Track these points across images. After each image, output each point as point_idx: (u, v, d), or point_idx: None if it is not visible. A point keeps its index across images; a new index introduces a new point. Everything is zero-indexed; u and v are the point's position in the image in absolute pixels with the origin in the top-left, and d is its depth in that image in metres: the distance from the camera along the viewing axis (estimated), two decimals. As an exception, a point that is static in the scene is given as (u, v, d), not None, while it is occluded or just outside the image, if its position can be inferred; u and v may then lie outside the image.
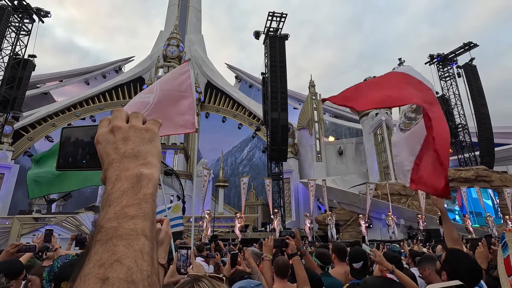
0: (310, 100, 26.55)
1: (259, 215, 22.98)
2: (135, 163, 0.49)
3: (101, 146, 0.53)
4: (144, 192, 0.46)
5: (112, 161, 0.50)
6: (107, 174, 0.49)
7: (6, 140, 21.33)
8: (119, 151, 0.51)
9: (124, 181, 0.46)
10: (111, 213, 0.43)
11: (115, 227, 0.41)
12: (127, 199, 0.44)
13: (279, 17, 22.78)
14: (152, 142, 0.54)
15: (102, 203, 0.45)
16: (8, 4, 19.70)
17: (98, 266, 0.38)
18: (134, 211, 0.43)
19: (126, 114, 0.56)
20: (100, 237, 0.41)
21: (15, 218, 14.54)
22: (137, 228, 0.42)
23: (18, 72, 19.77)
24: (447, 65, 26.56)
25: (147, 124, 0.56)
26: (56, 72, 34.14)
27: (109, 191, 0.46)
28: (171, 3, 38.88)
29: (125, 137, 0.52)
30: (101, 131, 0.54)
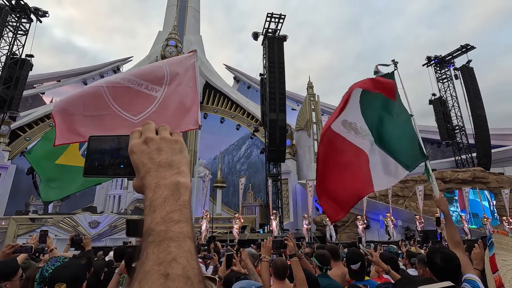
0: (308, 101, 26.61)
1: (257, 216, 22.98)
2: (171, 172, 0.55)
3: (136, 156, 0.58)
4: (183, 199, 0.52)
5: (149, 170, 0.55)
6: (145, 182, 0.54)
7: (3, 140, 21.22)
8: (154, 160, 0.56)
9: (164, 189, 0.51)
10: (158, 217, 0.48)
11: (164, 230, 0.46)
12: (170, 205, 0.49)
13: (278, 18, 22.82)
14: (182, 152, 0.59)
15: (146, 209, 0.50)
16: (6, 3, 19.60)
17: (157, 264, 0.43)
18: (178, 216, 0.49)
19: (155, 127, 0.62)
20: (152, 239, 0.46)
21: (12, 218, 14.45)
22: (183, 231, 0.47)
23: (15, 72, 19.66)
24: (445, 67, 26.71)
25: (175, 135, 0.62)
26: (54, 72, 34.00)
27: (151, 197, 0.51)
28: (169, 3, 38.86)
29: (158, 147, 0.58)
30: (135, 142, 0.59)
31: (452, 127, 25.24)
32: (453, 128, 25.22)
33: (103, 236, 14.35)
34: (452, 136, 24.89)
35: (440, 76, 26.91)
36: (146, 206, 0.51)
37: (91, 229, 14.38)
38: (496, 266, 0.78)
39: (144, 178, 0.54)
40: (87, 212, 15.26)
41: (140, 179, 0.56)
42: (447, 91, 26.38)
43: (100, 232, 14.39)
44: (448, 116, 25.42)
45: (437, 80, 26.89)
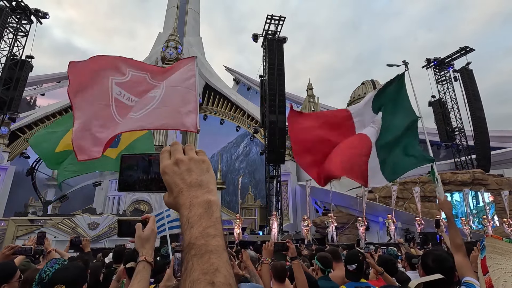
0: (308, 102, 26.65)
1: (257, 218, 22.96)
2: (201, 191, 0.61)
3: (168, 176, 0.63)
4: (216, 216, 0.58)
5: (181, 190, 0.61)
6: (179, 201, 0.60)
7: (3, 141, 21.21)
8: (185, 181, 0.62)
9: (197, 207, 0.58)
10: (196, 233, 0.54)
11: (204, 244, 0.52)
12: (205, 222, 0.55)
13: (278, 20, 22.88)
14: (209, 172, 0.65)
15: (184, 226, 0.56)
16: (6, 5, 19.64)
17: (203, 273, 0.49)
18: (214, 231, 0.55)
19: (182, 146, 0.68)
20: (195, 252, 0.51)
21: (11, 220, 14.41)
22: (220, 245, 0.53)
23: (15, 73, 19.67)
24: (444, 69, 26.78)
25: (200, 155, 0.67)
26: (54, 73, 34.03)
27: (187, 215, 0.57)
28: (169, 5, 38.97)
29: (188, 168, 0.63)
30: (166, 163, 0.65)
31: (452, 129, 25.28)
32: (452, 130, 25.26)
33: (102, 238, 14.33)
34: (452, 138, 24.92)
35: (440, 78, 26.97)
36: (183, 223, 0.57)
37: (90, 230, 14.36)
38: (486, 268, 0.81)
39: (178, 197, 0.61)
40: (86, 214, 15.24)
41: (173, 198, 0.62)
42: (447, 93, 26.44)
43: (100, 233, 14.37)
44: (448, 118, 25.46)
45: (437, 82, 26.95)
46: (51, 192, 24.86)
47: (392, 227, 16.40)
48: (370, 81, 27.14)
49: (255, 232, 20.45)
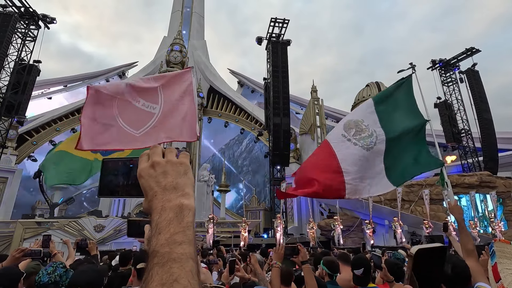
0: (312, 105, 26.59)
1: (261, 221, 22.90)
2: (175, 194, 0.58)
3: (144, 180, 0.61)
4: (187, 221, 0.55)
5: (155, 193, 0.58)
6: (152, 205, 0.57)
7: (10, 144, 21.51)
8: (160, 184, 0.59)
9: (168, 211, 0.55)
10: (162, 239, 0.51)
11: (168, 252, 0.49)
12: (174, 227, 0.53)
13: (281, 23, 22.96)
14: (186, 174, 0.62)
15: (152, 231, 0.53)
16: (15, 11, 20.01)
17: (160, 284, 0.46)
18: (181, 237, 0.52)
19: (162, 150, 0.65)
20: (157, 261, 0.48)
21: (18, 222, 14.58)
22: (185, 253, 0.50)
23: (23, 77, 20.00)
24: (450, 71, 26.56)
25: (180, 157, 0.65)
26: (61, 77, 34.51)
27: (157, 220, 0.54)
28: (174, 9, 39.34)
29: (164, 171, 0.61)
30: (143, 166, 0.62)
31: (458, 130, 25.00)
32: (458, 131, 24.98)
33: (108, 240, 14.41)
34: (458, 140, 24.64)
35: (445, 80, 26.74)
36: (152, 228, 0.54)
37: (96, 233, 14.45)
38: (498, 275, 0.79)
39: (151, 201, 0.58)
40: (92, 216, 15.34)
41: (147, 202, 0.59)
42: (453, 95, 26.18)
43: (105, 236, 14.46)
44: (454, 120, 25.20)
45: (442, 84, 26.72)
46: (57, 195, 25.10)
47: (398, 230, 16.20)
48: (375, 83, 27.02)
49: (259, 235, 20.39)
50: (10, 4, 19.90)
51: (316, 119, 26.01)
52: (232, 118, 32.15)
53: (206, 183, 24.79)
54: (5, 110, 19.24)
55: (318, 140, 25.38)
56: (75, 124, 27.82)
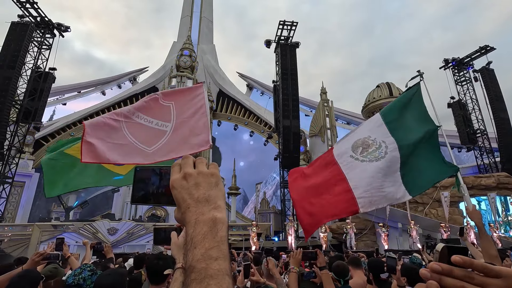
0: (322, 107, 26.42)
1: (272, 224, 22.80)
2: (208, 207, 0.58)
3: (176, 191, 0.62)
4: (221, 235, 0.55)
5: (188, 205, 0.59)
6: (186, 218, 0.58)
7: (28, 149, 22.19)
8: (193, 196, 0.60)
9: (202, 225, 0.55)
10: (198, 254, 0.52)
11: (204, 268, 0.50)
12: (208, 242, 0.53)
13: (290, 26, 22.98)
14: (218, 186, 0.63)
15: (188, 245, 0.54)
16: (32, 20, 20.73)
17: None
18: (216, 253, 0.52)
19: (193, 160, 0.66)
20: (194, 277, 0.49)
21: (35, 225, 14.98)
22: (221, 269, 0.51)
23: (40, 85, 20.64)
24: (463, 69, 25.94)
25: (211, 168, 0.65)
26: (74, 84, 35.45)
27: (192, 234, 0.55)
28: (183, 14, 39.93)
29: (196, 183, 0.61)
30: (175, 177, 0.63)
31: (473, 131, 24.34)
32: (474, 132, 24.32)
33: (121, 243, 14.63)
34: (473, 141, 23.98)
35: (459, 79, 26.13)
36: (187, 242, 0.55)
37: (109, 235, 14.70)
38: None
39: (185, 213, 0.59)
40: (106, 219, 15.63)
41: (181, 214, 0.60)
42: (467, 94, 25.55)
43: (119, 238, 14.68)
44: (469, 120, 24.55)
45: (456, 83, 26.11)
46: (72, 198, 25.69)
47: (414, 233, 15.84)
48: (385, 83, 26.66)
49: (270, 238, 20.30)
50: (27, 14, 20.63)
51: (326, 121, 25.81)
52: (242, 121, 32.27)
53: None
54: (23, 116, 19.88)
55: (328, 142, 25.16)
56: (89, 129, 28.49)
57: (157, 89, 31.04)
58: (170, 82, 29.19)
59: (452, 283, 0.47)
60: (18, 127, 20.00)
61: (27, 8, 20.48)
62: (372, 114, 26.44)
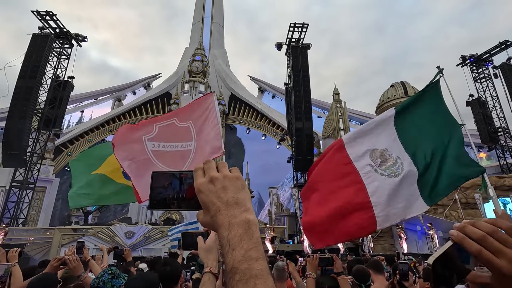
0: (335, 108, 26.12)
1: (286, 227, 22.62)
2: (239, 210, 0.59)
3: (204, 195, 0.62)
4: (256, 236, 0.56)
5: (218, 208, 0.60)
6: (217, 221, 0.59)
7: (48, 155, 23.01)
8: (222, 199, 0.60)
9: (237, 228, 0.56)
10: (238, 256, 0.53)
11: (248, 268, 0.51)
12: (246, 243, 0.54)
13: (301, 28, 22.93)
14: (244, 189, 0.64)
15: (225, 247, 0.55)
16: (51, 32, 21.61)
17: None
18: (256, 253, 0.54)
19: (215, 164, 0.67)
20: (239, 278, 0.51)
21: (56, 229, 15.46)
22: (263, 268, 0.52)
23: (59, 93, 21.43)
24: (482, 66, 25.05)
25: (234, 172, 0.66)
26: (91, 91, 36.58)
27: (227, 236, 0.56)
28: (195, 20, 40.58)
29: (224, 186, 0.62)
30: (201, 181, 0.63)
31: (494, 129, 23.41)
32: (495, 130, 23.38)
33: (138, 246, 14.88)
34: (495, 139, 23.06)
35: (478, 76, 25.25)
36: (223, 245, 0.56)
37: (127, 239, 14.98)
38: None
39: (215, 216, 0.59)
40: (123, 223, 15.94)
41: (210, 217, 0.60)
42: (486, 91, 24.63)
43: (135, 242, 14.94)
44: (489, 118, 23.64)
45: (474, 80, 25.24)
46: (90, 203, 26.39)
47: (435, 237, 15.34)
48: (400, 83, 26.08)
49: (285, 241, 20.12)
50: (47, 26, 21.53)
51: (340, 122, 25.49)
52: (254, 124, 32.33)
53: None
54: (44, 124, 20.66)
55: (342, 144, 24.82)
56: (105, 135, 29.29)
57: (171, 94, 31.58)
58: (183, 87, 29.64)
59: (474, 232, 0.49)
60: (40, 134, 20.78)
61: (47, 20, 21.37)
62: (387, 114, 25.94)
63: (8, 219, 18.04)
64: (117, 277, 1.93)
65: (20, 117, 18.89)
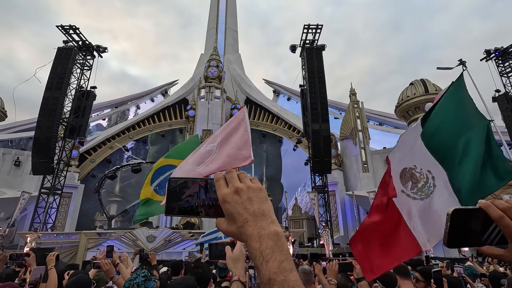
0: (352, 108, 25.68)
1: (305, 230, 22.36)
2: (266, 221, 0.61)
3: (229, 205, 0.63)
4: (286, 248, 0.58)
5: (246, 220, 0.61)
6: (246, 232, 0.60)
7: (73, 163, 24.04)
8: (248, 210, 0.62)
9: (267, 239, 0.58)
10: (273, 267, 0.54)
11: (284, 279, 0.53)
12: (279, 256, 0.56)
13: (315, 29, 22.81)
14: (267, 200, 0.65)
15: (258, 259, 0.56)
16: (75, 45, 22.70)
17: None
18: (288, 265, 0.55)
19: (236, 174, 0.67)
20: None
21: (82, 233, 16.06)
22: (297, 279, 0.54)
23: (83, 103, 22.40)
24: (508, 59, 23.83)
25: (255, 183, 0.67)
26: (112, 100, 37.94)
27: (259, 248, 0.57)
28: (209, 27, 41.29)
29: (249, 197, 0.63)
30: (226, 192, 0.64)
31: (524, 125, 22.14)
32: (525, 126, 22.12)
33: (159, 250, 15.17)
34: (525, 136, 21.80)
35: (504, 70, 24.03)
36: (256, 256, 0.57)
37: (148, 243, 15.32)
38: None
39: (243, 227, 0.61)
40: (144, 227, 16.32)
41: (237, 228, 0.62)
42: (514, 86, 23.39)
43: (157, 246, 15.25)
44: (518, 114, 22.40)
45: (500, 75, 24.04)
46: (113, 207, 27.28)
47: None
48: (420, 80, 25.27)
49: (304, 245, 19.89)
50: (71, 40, 22.63)
51: (357, 123, 25.01)
52: (270, 127, 32.32)
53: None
54: (69, 132, 21.64)
55: (360, 145, 24.32)
56: (126, 141, 30.23)
57: (187, 100, 32.18)
58: (199, 93, 30.13)
59: (501, 202, 0.56)
60: (65, 142, 21.77)
61: (70, 34, 22.46)
62: (407, 113, 25.09)
63: (38, 224, 18.95)
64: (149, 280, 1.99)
65: (48, 127, 19.89)
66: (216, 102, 29.07)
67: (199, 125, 27.93)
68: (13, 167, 23.88)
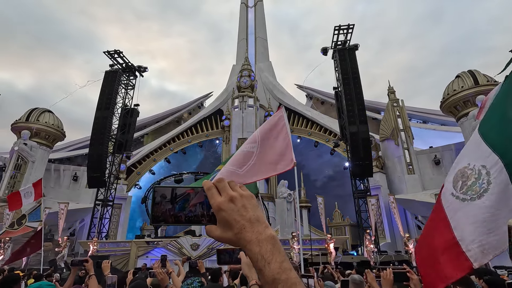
0: (391, 107, 24.39)
1: (348, 237, 21.48)
2: (261, 226, 0.65)
3: (225, 213, 0.66)
4: (282, 250, 0.63)
5: (243, 226, 0.65)
6: (245, 238, 0.64)
7: (122, 175, 25.92)
8: (244, 217, 0.65)
9: (266, 243, 0.62)
10: (276, 268, 0.59)
11: (288, 278, 0.58)
12: (278, 257, 0.61)
13: (346, 29, 22.28)
14: (258, 207, 0.70)
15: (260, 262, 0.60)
16: (119, 67, 24.81)
17: None
18: (288, 265, 0.61)
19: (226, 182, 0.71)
20: (283, 286, 0.58)
21: (133, 242, 17.14)
22: (297, 276, 0.60)
23: (128, 120, 24.23)
24: None
25: (246, 190, 0.71)
26: (153, 116, 40.44)
27: (259, 251, 0.61)
28: (239, 38, 42.38)
29: (243, 205, 0.67)
30: (221, 200, 0.67)
31: None
32: None
33: (203, 258, 15.60)
34: None
35: None
36: (257, 259, 0.61)
37: (192, 251, 15.84)
38: None
39: (241, 233, 0.64)
40: (188, 235, 16.92)
41: (233, 234, 0.65)
42: None
43: (200, 254, 15.70)
44: None
45: None
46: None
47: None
48: (468, 72, 23.24)
49: (348, 252, 19.08)
50: (116, 63, 24.78)
51: (398, 122, 23.66)
52: (305, 132, 31.91)
53: (286, 199, 24.82)
54: (118, 148, 23.47)
55: (403, 145, 22.92)
56: (167, 153, 31.88)
57: (222, 111, 33.13)
58: (233, 103, 30.89)
59: None
60: (114, 157, 23.63)
61: (115, 58, 24.60)
62: (455, 108, 23.11)
63: (94, 233, 20.66)
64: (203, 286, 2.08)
65: (99, 144, 21.80)
66: (250, 111, 29.52)
67: (235, 134, 28.54)
68: (72, 182, 26.44)
